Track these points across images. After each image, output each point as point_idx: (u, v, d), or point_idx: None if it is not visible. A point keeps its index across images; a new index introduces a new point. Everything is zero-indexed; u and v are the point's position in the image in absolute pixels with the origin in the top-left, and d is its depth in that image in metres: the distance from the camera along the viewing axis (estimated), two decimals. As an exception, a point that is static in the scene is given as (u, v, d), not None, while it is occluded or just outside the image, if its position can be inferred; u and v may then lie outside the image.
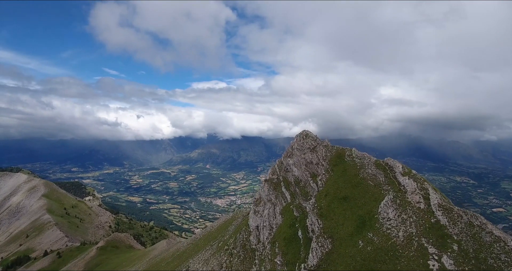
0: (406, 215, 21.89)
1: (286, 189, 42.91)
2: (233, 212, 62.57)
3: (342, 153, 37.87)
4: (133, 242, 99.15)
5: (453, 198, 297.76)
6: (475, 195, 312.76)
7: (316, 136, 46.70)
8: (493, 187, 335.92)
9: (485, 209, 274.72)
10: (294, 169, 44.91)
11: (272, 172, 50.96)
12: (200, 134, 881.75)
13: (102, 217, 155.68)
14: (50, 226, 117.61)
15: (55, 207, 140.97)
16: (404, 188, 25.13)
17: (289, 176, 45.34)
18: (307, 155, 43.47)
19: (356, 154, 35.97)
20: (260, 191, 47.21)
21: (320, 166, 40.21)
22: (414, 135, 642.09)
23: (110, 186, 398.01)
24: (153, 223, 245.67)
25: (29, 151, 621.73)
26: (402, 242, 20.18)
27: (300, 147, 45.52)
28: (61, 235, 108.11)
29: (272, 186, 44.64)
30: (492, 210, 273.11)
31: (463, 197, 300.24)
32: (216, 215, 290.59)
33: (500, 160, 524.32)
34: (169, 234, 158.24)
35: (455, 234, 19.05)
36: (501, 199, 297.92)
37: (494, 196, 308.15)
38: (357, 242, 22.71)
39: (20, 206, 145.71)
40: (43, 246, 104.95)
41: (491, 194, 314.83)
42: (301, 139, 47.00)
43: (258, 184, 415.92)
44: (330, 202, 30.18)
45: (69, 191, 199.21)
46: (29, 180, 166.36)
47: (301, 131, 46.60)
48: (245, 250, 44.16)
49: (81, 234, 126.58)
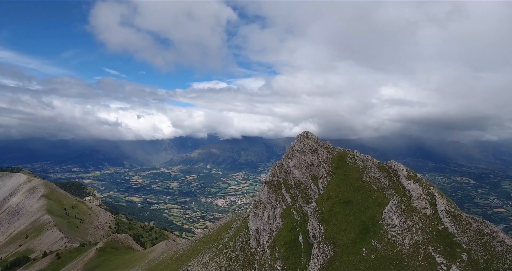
0: (411, 222, 20.96)
1: (286, 192, 42.01)
2: (233, 214, 61.99)
3: (343, 155, 36.92)
4: (132, 243, 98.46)
5: (454, 198, 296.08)
6: (476, 195, 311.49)
7: (317, 137, 45.73)
8: (494, 187, 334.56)
9: (486, 209, 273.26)
10: (294, 171, 43.98)
11: (272, 173, 50.06)
12: (201, 135, 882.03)
13: (102, 217, 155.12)
14: (50, 227, 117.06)
15: (54, 208, 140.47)
16: (409, 192, 24.19)
17: (290, 178, 44.42)
18: (308, 156, 42.53)
19: (359, 156, 35.00)
20: (260, 193, 46.28)
21: (321, 168, 39.27)
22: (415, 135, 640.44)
23: (111, 186, 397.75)
24: (153, 223, 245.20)
25: (29, 151, 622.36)
26: (408, 251, 19.26)
27: (300, 148, 44.59)
28: (60, 236, 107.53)
29: (272, 188, 43.72)
30: (493, 210, 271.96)
31: (464, 197, 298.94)
32: (217, 215, 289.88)
33: (500, 160, 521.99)
34: (169, 235, 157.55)
35: (464, 243, 18.12)
36: (502, 199, 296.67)
37: (495, 196, 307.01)
38: (360, 250, 21.80)
39: (20, 206, 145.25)
40: (43, 246, 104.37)
41: (492, 194, 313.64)
42: (301, 140, 46.06)
43: (258, 184, 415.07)
44: (331, 206, 29.26)
45: (69, 191, 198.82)
46: (29, 180, 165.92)
47: (302, 132, 45.58)
48: (244, 253, 43.27)
49: (80, 235, 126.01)
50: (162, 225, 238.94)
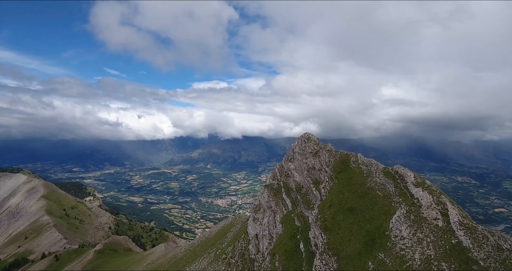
0: (422, 234, 19.49)
1: (287, 196, 40.51)
2: (232, 217, 59.83)
3: (347, 158, 35.36)
4: (131, 245, 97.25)
5: (455, 198, 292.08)
6: (477, 195, 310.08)
7: (318, 139, 44.02)
8: (495, 187, 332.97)
9: (487, 209, 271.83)
10: (295, 174, 42.39)
11: (272, 176, 48.47)
12: (201, 134, 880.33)
13: (102, 218, 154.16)
14: (49, 228, 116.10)
15: (54, 208, 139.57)
16: (418, 201, 22.70)
17: (290, 181, 42.89)
18: (309, 160, 40.96)
19: (362, 160, 33.46)
20: (260, 197, 44.79)
21: (323, 172, 37.75)
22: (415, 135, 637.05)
23: (111, 186, 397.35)
24: (154, 223, 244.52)
25: (30, 151, 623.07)
26: (419, 267, 17.81)
27: (301, 151, 43.00)
28: (59, 237, 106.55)
29: (273, 192, 42.19)
30: (494, 210, 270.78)
31: (465, 197, 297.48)
32: (217, 215, 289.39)
33: (501, 160, 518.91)
34: (169, 235, 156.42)
35: (482, 259, 16.65)
36: (503, 199, 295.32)
37: (496, 196, 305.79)
38: (366, 263, 20.37)
39: (20, 207, 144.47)
40: (42, 248, 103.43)
41: (493, 194, 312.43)
42: (302, 142, 44.44)
43: (259, 184, 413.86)
44: (334, 213, 27.79)
45: (69, 191, 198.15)
46: (29, 180, 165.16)
47: (303, 134, 43.88)
48: (243, 259, 41.85)
49: (80, 236, 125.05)
50: (163, 225, 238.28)
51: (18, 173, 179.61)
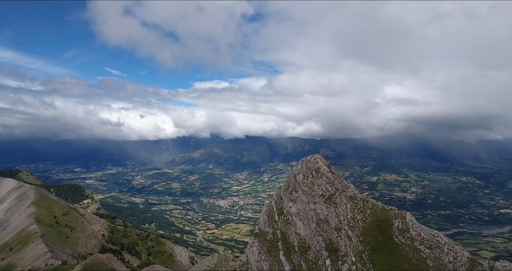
0: None
1: (285, 257, 26.84)
2: (217, 257, 45.82)
3: (385, 219, 20.09)
4: (116, 264, 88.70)
5: (459, 199, 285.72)
6: (482, 196, 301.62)
7: (331, 170, 27.57)
8: (500, 187, 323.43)
9: (492, 210, 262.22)
10: (298, 223, 28.35)
11: (267, 213, 32.14)
12: (203, 134, 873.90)
13: (95, 225, 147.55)
14: (35, 238, 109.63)
15: (44, 216, 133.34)
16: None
17: (291, 232, 28.87)
18: (320, 206, 26.71)
19: (415, 227, 18.02)
20: (248, 251, 30.40)
21: (342, 234, 23.19)
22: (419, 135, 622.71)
23: (113, 186, 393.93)
24: (154, 225, 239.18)
25: (32, 151, 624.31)
26: None
27: (307, 188, 28.48)
28: (44, 250, 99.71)
29: (266, 246, 28.25)
30: (500, 211, 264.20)
31: (469, 198, 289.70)
32: (218, 216, 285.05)
33: (506, 160, 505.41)
34: (166, 242, 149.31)
35: None
36: (509, 200, 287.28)
37: (501, 196, 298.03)
38: None
39: (8, 214, 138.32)
40: (25, 261, 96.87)
41: (498, 194, 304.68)
42: (309, 173, 28.41)
43: (261, 184, 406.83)
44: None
45: (67, 193, 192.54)
46: (19, 186, 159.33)
47: (309, 157, 29.00)
48: None
49: (70, 246, 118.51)
50: (163, 227, 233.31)
51: (8, 178, 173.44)
